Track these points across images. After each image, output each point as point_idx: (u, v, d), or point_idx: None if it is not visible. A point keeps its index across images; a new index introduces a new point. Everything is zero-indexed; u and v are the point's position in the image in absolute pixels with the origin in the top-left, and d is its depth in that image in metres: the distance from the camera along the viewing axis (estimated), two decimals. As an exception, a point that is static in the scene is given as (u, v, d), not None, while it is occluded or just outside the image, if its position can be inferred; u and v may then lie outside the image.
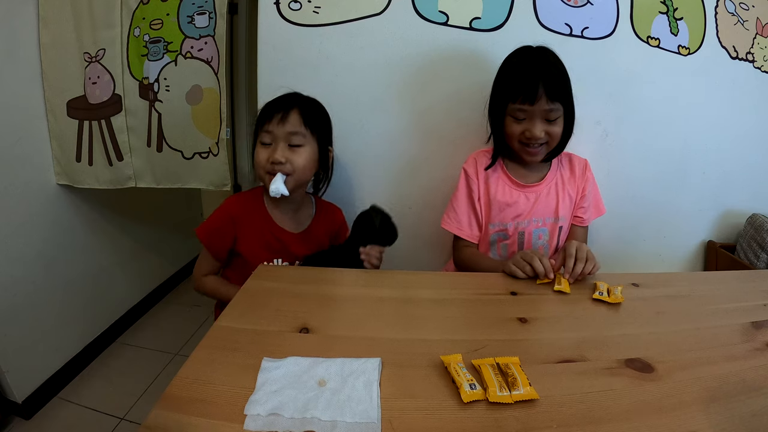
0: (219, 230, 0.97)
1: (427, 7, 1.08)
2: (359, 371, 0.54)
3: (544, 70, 0.89)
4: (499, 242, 1.04)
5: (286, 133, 0.90)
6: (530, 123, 0.91)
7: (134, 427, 1.35)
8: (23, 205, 1.37)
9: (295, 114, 0.91)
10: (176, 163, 1.34)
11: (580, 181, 1.04)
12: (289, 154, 0.90)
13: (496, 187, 1.01)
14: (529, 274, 0.80)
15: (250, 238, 0.96)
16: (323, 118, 0.99)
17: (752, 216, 1.23)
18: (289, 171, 0.90)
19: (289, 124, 0.90)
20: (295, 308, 0.70)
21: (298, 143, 0.91)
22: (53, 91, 1.38)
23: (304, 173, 0.92)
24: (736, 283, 0.84)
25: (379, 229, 0.89)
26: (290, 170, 0.90)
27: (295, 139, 0.91)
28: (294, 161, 0.90)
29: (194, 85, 1.29)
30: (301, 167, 0.91)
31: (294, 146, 0.91)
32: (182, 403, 0.49)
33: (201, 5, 1.24)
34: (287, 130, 0.90)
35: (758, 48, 1.16)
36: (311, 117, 0.93)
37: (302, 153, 0.91)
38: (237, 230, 0.97)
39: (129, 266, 1.88)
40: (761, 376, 0.55)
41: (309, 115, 0.93)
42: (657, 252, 1.28)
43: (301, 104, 0.93)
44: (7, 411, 1.37)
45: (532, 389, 0.51)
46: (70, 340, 1.58)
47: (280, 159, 0.89)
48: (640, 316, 0.70)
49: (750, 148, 1.22)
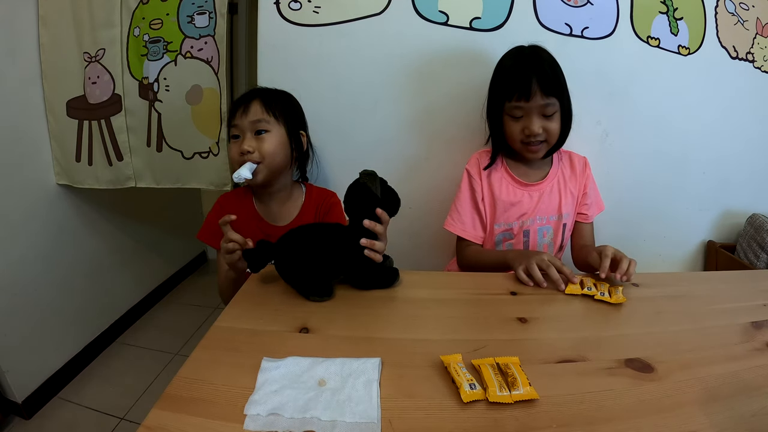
0: (216, 227, 0.97)
1: (427, 7, 1.08)
2: (359, 371, 0.54)
3: (537, 66, 0.90)
4: (505, 242, 1.04)
5: (249, 122, 0.92)
6: (528, 120, 0.92)
7: (134, 427, 1.34)
8: (23, 205, 1.37)
9: (256, 103, 0.93)
10: (176, 163, 1.34)
11: (581, 179, 1.04)
12: (256, 142, 0.92)
13: (499, 186, 1.01)
14: (541, 284, 0.78)
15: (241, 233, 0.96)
16: (288, 103, 1.00)
17: (752, 216, 1.23)
18: (258, 159, 0.91)
19: (251, 113, 0.92)
20: (295, 308, 0.70)
21: (263, 129, 0.92)
22: (53, 91, 1.38)
23: (273, 159, 0.93)
24: (736, 283, 0.84)
25: (383, 197, 0.75)
26: (259, 158, 0.91)
27: (259, 125, 0.92)
28: (261, 148, 0.91)
29: (194, 85, 1.28)
30: (269, 153, 0.92)
31: (259, 134, 0.92)
32: (182, 403, 0.49)
33: (201, 5, 1.24)
34: (250, 119, 0.92)
35: (758, 48, 1.16)
36: (273, 103, 0.94)
37: (268, 139, 0.92)
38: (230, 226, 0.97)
39: (129, 266, 1.88)
40: (761, 376, 0.55)
41: (270, 102, 0.94)
42: (657, 252, 1.27)
43: (261, 94, 0.95)
44: (7, 411, 1.37)
45: (531, 389, 0.51)
46: (70, 340, 1.58)
47: (248, 148, 0.90)
48: (640, 316, 0.70)
49: (750, 148, 1.22)
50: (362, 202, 0.74)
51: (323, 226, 0.80)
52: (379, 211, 0.74)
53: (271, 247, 0.75)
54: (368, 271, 0.76)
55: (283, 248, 0.75)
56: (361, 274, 0.77)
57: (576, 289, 0.76)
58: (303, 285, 0.74)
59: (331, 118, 1.14)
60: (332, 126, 1.15)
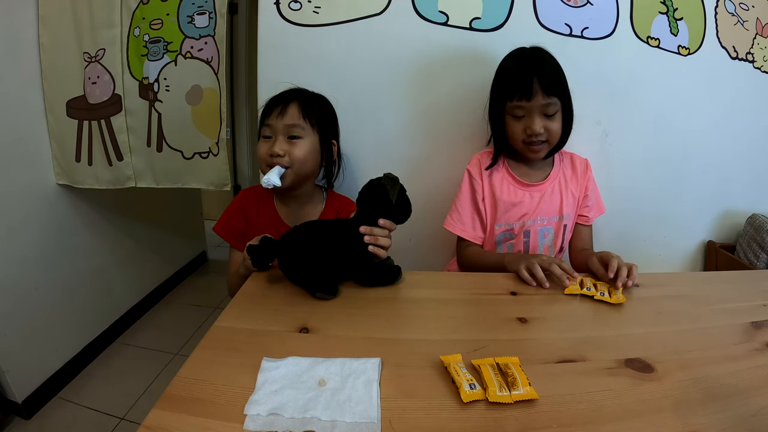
0: (234, 222, 0.99)
1: (427, 7, 1.08)
2: (359, 371, 0.54)
3: (539, 66, 0.90)
4: (505, 242, 1.04)
5: (284, 125, 0.91)
6: (529, 119, 0.92)
7: (134, 427, 1.35)
8: (23, 205, 1.37)
9: (294, 107, 0.92)
10: (176, 163, 1.34)
11: (582, 180, 1.04)
12: (288, 146, 0.90)
13: (501, 187, 1.01)
14: (543, 284, 0.78)
15: (258, 233, 0.96)
16: (325, 111, 0.99)
17: (752, 216, 1.23)
18: (287, 163, 0.90)
19: (288, 116, 0.91)
20: (295, 308, 0.70)
21: (296, 135, 0.91)
22: (53, 91, 1.38)
23: (303, 165, 0.92)
24: (736, 283, 0.84)
25: (396, 205, 0.75)
26: (289, 162, 0.90)
27: (293, 131, 0.91)
28: (293, 153, 0.90)
29: (194, 85, 1.29)
30: (300, 159, 0.91)
31: (293, 138, 0.91)
32: (182, 403, 0.49)
33: (201, 5, 1.24)
34: (285, 122, 0.91)
35: (758, 48, 1.16)
36: (310, 110, 0.93)
37: (301, 145, 0.91)
38: (247, 222, 0.98)
39: (129, 266, 1.88)
40: (761, 376, 0.55)
41: (308, 108, 0.93)
42: (657, 252, 1.27)
43: (300, 97, 0.94)
44: (7, 411, 1.37)
45: (531, 389, 0.51)
46: (70, 340, 1.58)
47: (279, 152, 0.89)
48: (640, 316, 0.70)
49: (750, 148, 1.22)
50: (374, 203, 0.75)
51: (326, 223, 0.81)
52: (382, 221, 0.75)
53: (275, 244, 0.76)
54: (371, 267, 0.76)
55: (287, 245, 0.75)
56: (364, 271, 0.77)
57: (576, 289, 0.76)
58: (308, 281, 0.74)
59: (331, 118, 1.14)
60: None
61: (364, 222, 0.74)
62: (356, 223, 0.75)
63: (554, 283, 0.78)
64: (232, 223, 1.00)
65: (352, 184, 1.18)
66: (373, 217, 0.75)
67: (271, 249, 0.75)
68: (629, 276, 0.76)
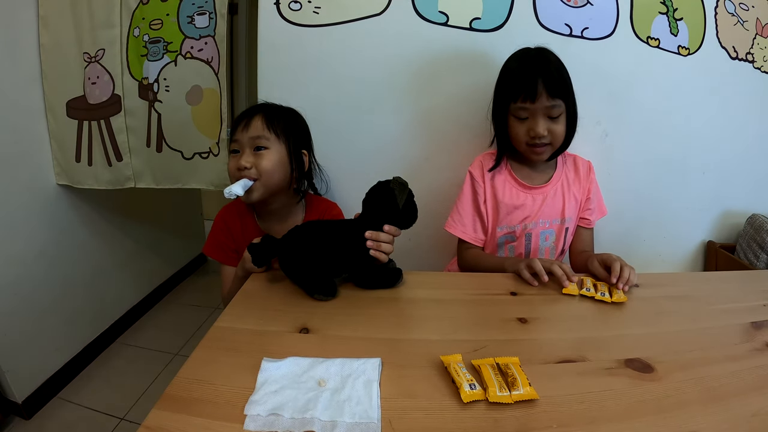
0: (221, 241, 1.00)
1: (427, 8, 1.08)
2: (359, 371, 0.54)
3: (543, 68, 0.89)
4: (507, 244, 1.04)
5: (249, 138, 0.90)
6: (533, 121, 0.91)
7: (134, 427, 1.35)
8: (23, 205, 1.37)
9: (258, 119, 0.91)
10: (176, 163, 1.34)
11: (585, 183, 1.04)
12: (255, 158, 0.90)
13: (503, 189, 1.01)
14: (542, 276, 0.78)
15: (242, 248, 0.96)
16: (292, 121, 0.98)
17: (752, 216, 1.23)
18: (255, 176, 0.89)
19: (252, 129, 0.90)
20: (295, 308, 0.70)
21: (262, 146, 0.90)
22: (53, 91, 1.38)
23: (270, 177, 0.91)
24: (736, 283, 0.85)
25: (403, 210, 0.74)
26: (256, 174, 0.89)
27: (259, 142, 0.90)
28: (259, 165, 0.89)
29: (194, 85, 1.28)
30: (267, 170, 0.89)
31: (259, 149, 0.90)
32: (182, 403, 0.49)
33: (201, 5, 1.24)
34: (250, 135, 0.90)
35: (758, 48, 1.16)
36: (275, 120, 0.93)
37: (267, 156, 0.90)
38: (234, 238, 0.98)
39: (129, 266, 1.88)
40: (761, 376, 0.55)
41: (272, 119, 0.92)
42: (657, 252, 1.27)
43: (265, 110, 0.94)
44: (7, 411, 1.37)
45: (531, 389, 0.51)
46: (69, 340, 1.58)
47: (245, 164, 0.88)
48: (640, 316, 0.70)
49: (750, 148, 1.22)
50: (381, 206, 0.74)
51: (329, 223, 0.80)
52: (387, 228, 0.75)
53: (276, 243, 0.76)
54: (372, 270, 0.76)
55: (288, 244, 0.75)
56: (365, 273, 0.77)
57: (575, 289, 0.76)
58: (307, 282, 0.74)
59: (331, 118, 1.14)
60: (332, 126, 1.14)
61: (368, 224, 0.74)
62: (360, 224, 0.75)
63: (554, 284, 0.78)
64: (220, 241, 1.00)
65: (352, 184, 1.17)
66: (378, 220, 0.74)
67: (272, 247, 0.75)
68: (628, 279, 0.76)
